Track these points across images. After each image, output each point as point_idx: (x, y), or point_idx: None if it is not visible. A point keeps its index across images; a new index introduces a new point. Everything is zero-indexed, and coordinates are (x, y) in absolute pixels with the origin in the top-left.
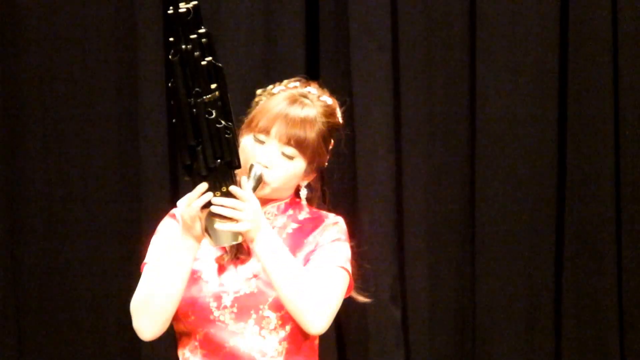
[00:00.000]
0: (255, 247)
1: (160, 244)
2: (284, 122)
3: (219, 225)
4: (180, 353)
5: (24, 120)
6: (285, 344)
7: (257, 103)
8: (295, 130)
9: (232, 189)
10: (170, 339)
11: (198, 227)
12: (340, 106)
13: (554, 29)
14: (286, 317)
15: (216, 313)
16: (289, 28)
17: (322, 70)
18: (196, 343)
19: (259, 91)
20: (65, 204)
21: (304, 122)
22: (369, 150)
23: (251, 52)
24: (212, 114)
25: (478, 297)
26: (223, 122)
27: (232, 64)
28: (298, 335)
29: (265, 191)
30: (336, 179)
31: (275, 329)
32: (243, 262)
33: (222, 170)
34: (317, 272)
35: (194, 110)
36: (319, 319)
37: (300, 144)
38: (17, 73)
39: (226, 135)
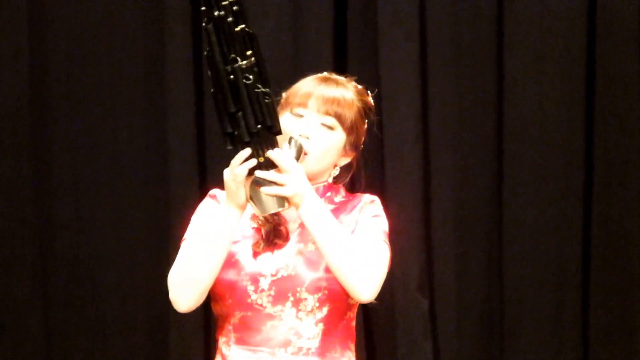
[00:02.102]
0: (302, 212)
1: (199, 222)
2: (321, 95)
3: (264, 189)
4: (219, 339)
5: (51, 113)
6: (321, 325)
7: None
8: (333, 105)
9: (273, 153)
10: (198, 330)
11: (242, 194)
12: (368, 93)
13: (581, 20)
14: (323, 299)
15: (253, 297)
16: (317, 18)
17: (349, 60)
18: (230, 327)
19: (284, 93)
20: (93, 196)
21: (341, 99)
22: (397, 140)
23: (279, 42)
24: (249, 79)
25: (506, 288)
26: (261, 87)
27: None
28: (335, 317)
29: (307, 163)
30: (364, 169)
31: (312, 311)
32: (280, 247)
33: (264, 136)
34: (363, 241)
35: (231, 77)
36: (368, 284)
37: (339, 115)
38: (44, 66)
39: (265, 100)
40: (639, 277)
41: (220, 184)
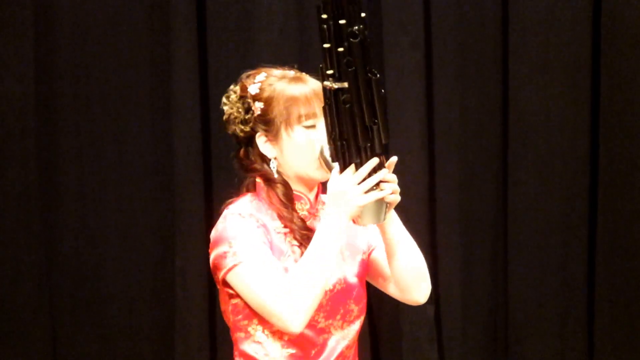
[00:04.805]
0: (395, 218)
1: (257, 244)
2: (319, 99)
3: (393, 196)
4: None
5: (57, 120)
6: (356, 334)
7: (260, 97)
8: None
9: (393, 160)
10: (204, 338)
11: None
12: None
13: (586, 26)
14: (362, 308)
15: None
16: None
17: None
18: (282, 343)
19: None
20: (99, 202)
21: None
22: (402, 147)
23: (284, 50)
24: (382, 92)
25: (511, 294)
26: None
27: (265, 62)
28: (361, 326)
29: (327, 173)
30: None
31: (353, 320)
32: None
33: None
34: None
35: (369, 90)
36: (429, 286)
37: None
38: (50, 74)
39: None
40: None
41: (225, 190)
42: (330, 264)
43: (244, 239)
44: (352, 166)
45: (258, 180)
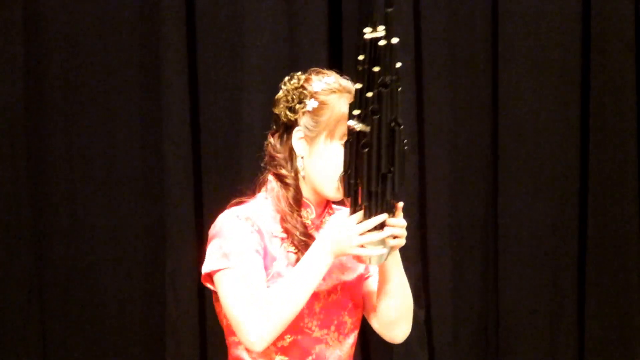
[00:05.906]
0: (396, 258)
1: (246, 251)
2: None
3: (393, 241)
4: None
5: (47, 121)
6: (352, 348)
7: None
8: None
9: (400, 206)
10: (194, 339)
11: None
12: None
13: (576, 27)
14: (356, 323)
15: (306, 320)
16: (312, 28)
17: (345, 70)
18: (274, 349)
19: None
20: (89, 204)
21: None
22: None
23: (274, 52)
24: (406, 144)
25: (501, 297)
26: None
27: (255, 65)
28: (356, 338)
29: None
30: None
31: (348, 333)
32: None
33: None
34: None
35: (391, 140)
36: (410, 328)
37: None
38: (40, 75)
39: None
40: (634, 287)
41: (215, 194)
42: (304, 295)
43: (235, 242)
44: (361, 212)
45: (270, 178)
